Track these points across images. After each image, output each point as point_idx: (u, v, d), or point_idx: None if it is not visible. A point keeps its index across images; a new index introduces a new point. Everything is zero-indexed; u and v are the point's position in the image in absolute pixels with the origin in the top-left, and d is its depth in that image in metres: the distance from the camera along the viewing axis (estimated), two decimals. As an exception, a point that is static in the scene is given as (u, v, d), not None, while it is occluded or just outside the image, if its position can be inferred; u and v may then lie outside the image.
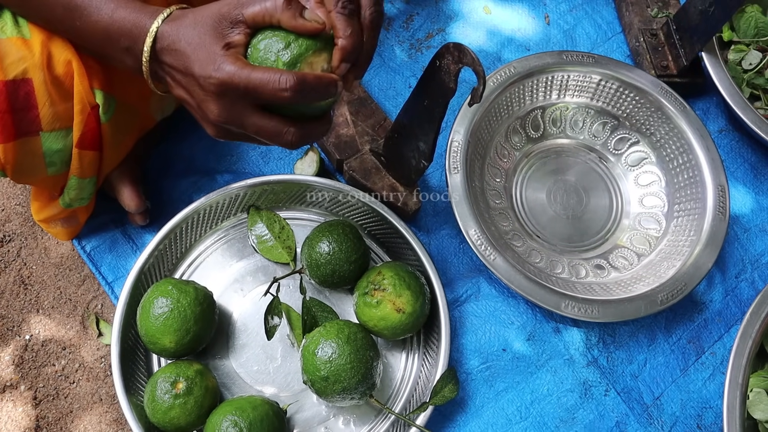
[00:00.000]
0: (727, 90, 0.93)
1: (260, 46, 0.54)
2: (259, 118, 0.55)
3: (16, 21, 0.66)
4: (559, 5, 1.10)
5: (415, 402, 0.79)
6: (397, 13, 1.07)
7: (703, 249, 0.84)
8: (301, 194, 0.89)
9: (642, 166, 0.95)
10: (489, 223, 0.86)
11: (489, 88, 0.90)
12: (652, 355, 0.86)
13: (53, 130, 0.69)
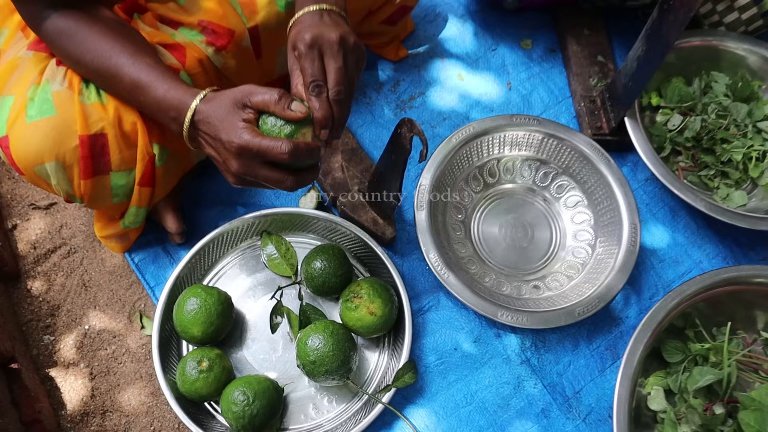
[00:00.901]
0: (642, 148, 1.17)
1: (268, 120, 0.80)
2: (266, 171, 0.81)
3: (98, 92, 0.94)
4: (520, 74, 1.37)
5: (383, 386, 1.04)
6: (386, 78, 1.35)
7: (616, 274, 1.09)
8: (303, 223, 1.15)
9: (576, 207, 1.21)
10: (448, 250, 1.11)
11: (453, 143, 1.17)
12: (575, 358, 1.10)
13: (120, 170, 0.97)
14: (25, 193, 1.21)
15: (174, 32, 1.01)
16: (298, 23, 0.87)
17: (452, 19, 1.44)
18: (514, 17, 1.42)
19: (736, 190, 1.25)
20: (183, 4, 1.03)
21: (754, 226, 1.14)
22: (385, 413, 1.03)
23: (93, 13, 0.91)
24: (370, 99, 1.33)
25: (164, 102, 0.86)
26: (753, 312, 1.10)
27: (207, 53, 1.01)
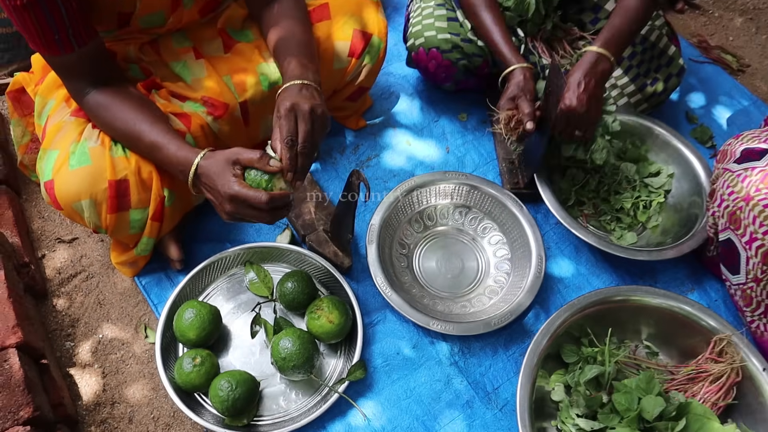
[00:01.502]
0: (548, 199, 1.51)
1: (251, 173, 1.12)
2: (250, 211, 1.12)
3: (123, 149, 1.26)
4: (456, 140, 1.72)
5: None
6: (348, 143, 1.69)
7: (525, 294, 1.40)
8: (279, 255, 1.46)
9: (497, 244, 1.53)
10: (393, 276, 1.42)
11: (398, 192, 1.50)
12: (495, 362, 1.39)
13: (137, 208, 1.27)
14: (53, 230, 1.51)
15: (182, 104, 1.35)
16: (284, 92, 1.20)
17: (403, 97, 1.80)
18: (453, 96, 1.79)
19: (629, 232, 1.59)
20: (189, 83, 1.37)
21: (635, 256, 1.46)
22: (340, 404, 1.30)
23: (122, 89, 1.24)
24: (335, 159, 1.66)
25: (175, 159, 1.18)
26: (639, 325, 1.41)
27: (207, 121, 1.34)
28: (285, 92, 1.20)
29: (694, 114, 1.88)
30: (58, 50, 1.15)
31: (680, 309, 1.36)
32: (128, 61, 1.37)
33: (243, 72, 1.40)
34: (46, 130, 1.29)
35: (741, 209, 1.30)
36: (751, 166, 1.34)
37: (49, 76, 1.34)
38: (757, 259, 1.30)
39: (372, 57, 1.52)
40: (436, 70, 1.61)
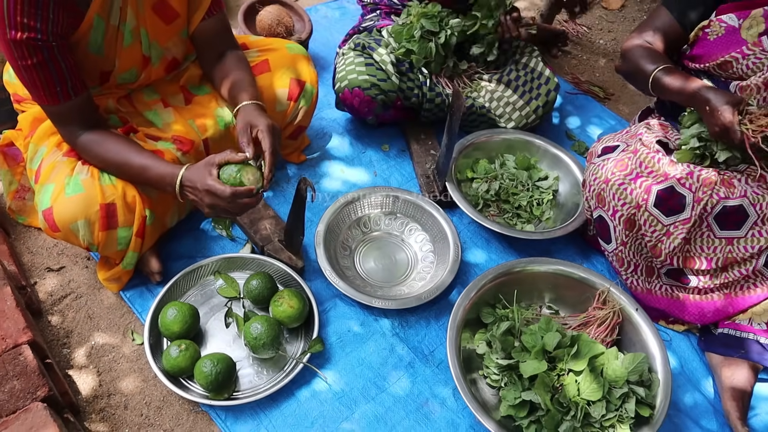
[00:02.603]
0: (461, 202, 1.90)
1: (224, 172, 1.45)
2: (222, 203, 1.45)
3: (110, 177, 1.57)
4: (381, 166, 2.11)
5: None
6: (293, 175, 2.05)
7: (446, 275, 1.76)
8: (243, 263, 1.77)
9: (422, 241, 1.90)
10: (339, 270, 1.76)
11: (336, 205, 1.86)
12: (429, 330, 1.73)
13: (124, 226, 1.57)
14: (41, 261, 1.77)
15: (156, 143, 1.68)
16: (247, 109, 1.56)
17: (335, 135, 2.20)
18: (377, 130, 2.20)
19: (528, 224, 1.99)
20: (161, 127, 1.71)
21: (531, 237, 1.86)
22: (305, 374, 1.60)
23: (108, 130, 1.57)
24: (283, 188, 2.02)
25: (162, 175, 1.51)
26: (541, 291, 1.79)
27: (177, 155, 1.67)
28: (248, 108, 1.57)
29: (572, 133, 2.35)
30: (58, 100, 1.47)
31: (568, 272, 1.75)
32: (108, 112, 1.70)
33: (203, 116, 1.75)
34: (40, 170, 1.59)
35: (603, 190, 1.73)
36: (607, 158, 1.79)
37: (40, 128, 1.65)
38: (620, 226, 1.72)
39: (307, 100, 1.91)
40: (359, 106, 2.01)
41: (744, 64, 1.68)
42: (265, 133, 1.50)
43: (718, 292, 1.76)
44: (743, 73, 1.71)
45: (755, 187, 1.67)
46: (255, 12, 2.39)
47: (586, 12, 2.77)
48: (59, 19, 1.42)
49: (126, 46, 1.58)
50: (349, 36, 2.23)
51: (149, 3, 1.58)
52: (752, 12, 1.66)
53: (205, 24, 1.69)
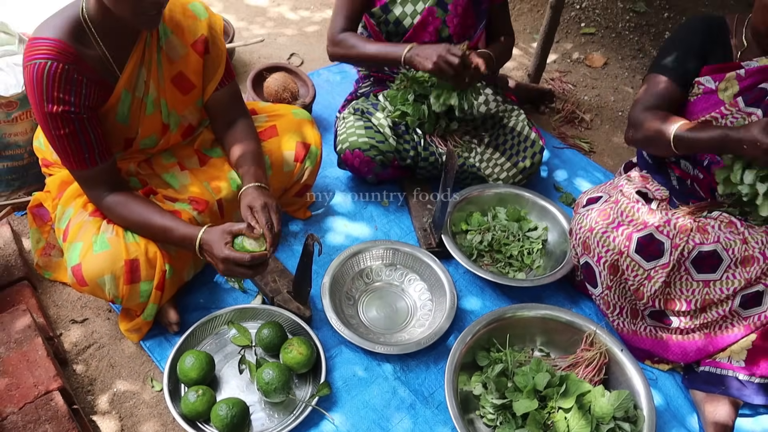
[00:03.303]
0: (456, 253, 2.06)
1: (237, 241, 1.62)
2: (238, 268, 1.61)
3: (133, 235, 1.73)
4: (382, 220, 2.28)
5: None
6: (299, 230, 2.22)
7: (444, 321, 1.91)
8: (254, 314, 1.92)
9: (421, 291, 2.05)
10: (344, 319, 1.91)
11: (340, 258, 2.02)
12: (428, 374, 1.87)
13: (146, 280, 1.73)
14: (66, 314, 1.92)
15: (173, 204, 1.85)
16: (247, 192, 1.74)
17: (338, 193, 2.37)
18: (376, 188, 2.38)
19: (519, 272, 2.14)
20: (177, 189, 1.89)
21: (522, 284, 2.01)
22: (313, 417, 1.73)
23: (131, 193, 1.75)
24: (290, 243, 2.18)
25: (183, 236, 1.68)
26: (533, 335, 1.93)
27: (193, 215, 1.84)
28: (249, 191, 1.74)
29: (560, 185, 2.53)
30: (86, 166, 1.65)
31: (557, 316, 1.90)
32: (130, 175, 1.88)
33: (217, 179, 1.93)
34: (68, 229, 1.75)
35: (589, 238, 1.90)
36: (591, 208, 1.96)
37: (68, 190, 1.82)
38: (605, 272, 1.88)
39: (312, 161, 2.09)
40: (360, 165, 2.20)
41: (723, 123, 1.86)
42: (259, 213, 1.67)
43: (698, 332, 1.91)
44: None
45: (727, 233, 1.84)
46: (263, 78, 2.60)
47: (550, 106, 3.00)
48: (91, 94, 1.61)
49: (148, 115, 1.78)
50: (347, 101, 2.44)
51: (169, 76, 1.78)
52: (727, 75, 1.85)
53: (218, 94, 1.89)
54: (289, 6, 3.65)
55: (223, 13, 3.47)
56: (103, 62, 1.64)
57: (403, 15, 2.22)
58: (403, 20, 2.22)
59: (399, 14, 2.22)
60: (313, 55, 3.25)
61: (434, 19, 2.21)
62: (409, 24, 2.22)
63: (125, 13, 1.51)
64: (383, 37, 2.29)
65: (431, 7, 2.20)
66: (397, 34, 2.26)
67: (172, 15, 1.76)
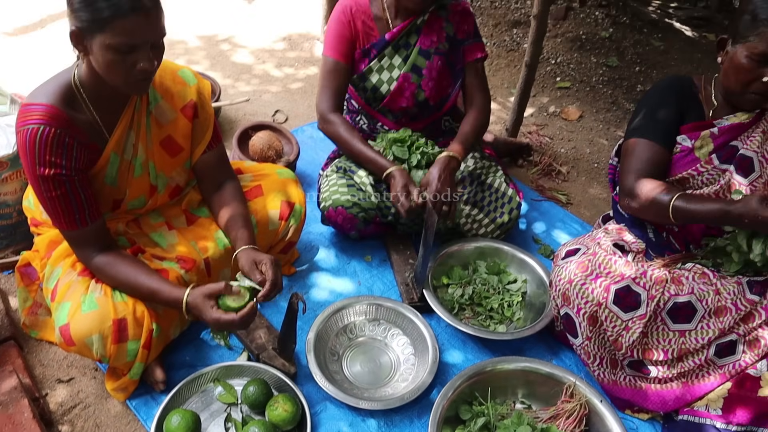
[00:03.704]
0: (437, 307, 2.12)
1: (221, 301, 1.67)
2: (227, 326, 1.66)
3: (121, 295, 1.77)
4: (365, 275, 2.34)
5: (296, 457, 1.77)
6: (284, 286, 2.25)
7: (426, 376, 1.95)
8: (239, 371, 1.95)
9: (404, 345, 2.10)
10: (329, 375, 1.94)
11: (324, 314, 2.07)
12: (412, 428, 1.90)
13: (133, 339, 1.76)
14: (52, 373, 1.95)
15: (161, 263, 1.90)
16: (246, 253, 1.79)
17: (321, 248, 2.43)
18: (359, 243, 2.44)
19: (500, 325, 2.20)
20: (165, 248, 1.94)
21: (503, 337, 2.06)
22: (299, 474, 1.75)
23: (119, 253, 1.80)
24: (276, 300, 2.21)
25: (169, 298, 1.72)
26: (514, 387, 1.98)
27: (180, 273, 1.89)
28: (247, 252, 1.80)
29: (538, 237, 2.62)
30: (76, 226, 1.71)
31: (537, 368, 1.95)
32: (118, 234, 1.93)
33: (204, 238, 1.99)
34: (57, 289, 1.79)
35: (568, 290, 1.97)
36: (570, 260, 2.03)
37: (57, 250, 1.86)
38: (585, 323, 1.95)
39: (296, 219, 2.16)
40: (343, 222, 2.26)
41: (699, 180, 1.97)
42: (268, 266, 1.74)
43: (676, 380, 1.96)
44: (699, 187, 1.98)
45: (701, 284, 1.91)
46: (248, 137, 2.69)
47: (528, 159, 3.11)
48: (81, 157, 1.68)
49: (136, 177, 1.84)
50: (330, 159, 2.53)
51: (158, 139, 1.85)
52: (701, 133, 1.96)
53: (206, 156, 1.96)
54: (273, 63, 3.78)
55: (209, 71, 3.58)
56: (93, 126, 1.71)
57: (379, 82, 2.33)
58: (380, 87, 2.34)
59: (376, 81, 2.33)
60: (297, 112, 3.35)
61: (410, 84, 2.33)
62: (386, 90, 2.33)
63: (116, 82, 1.60)
64: (362, 101, 2.40)
65: (406, 74, 2.31)
66: (375, 100, 2.37)
67: (162, 81, 1.84)
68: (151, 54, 1.58)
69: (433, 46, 2.34)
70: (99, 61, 1.56)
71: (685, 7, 5.09)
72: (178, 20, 3.99)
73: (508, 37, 4.26)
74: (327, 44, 2.34)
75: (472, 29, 2.41)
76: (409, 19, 2.31)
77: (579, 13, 4.46)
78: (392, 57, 2.33)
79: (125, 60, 1.55)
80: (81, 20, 1.52)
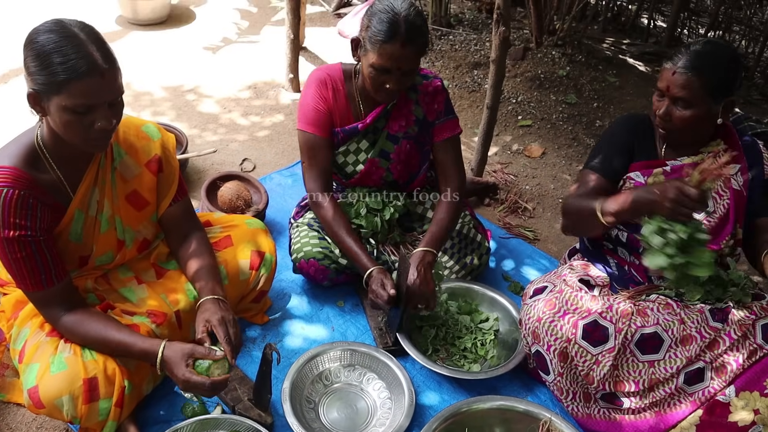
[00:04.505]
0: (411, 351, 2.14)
1: (198, 364, 1.68)
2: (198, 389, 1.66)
3: (91, 353, 1.76)
4: (338, 320, 2.37)
5: None
6: (257, 335, 2.28)
7: (403, 419, 1.96)
8: (216, 423, 1.93)
9: (380, 389, 2.11)
10: (306, 424, 1.94)
11: (299, 362, 2.07)
12: (392, 475, 1.89)
13: (105, 398, 1.75)
14: (22, 440, 1.91)
15: (132, 317, 1.89)
16: (204, 305, 1.81)
17: (294, 296, 2.45)
18: (332, 290, 2.47)
19: (474, 364, 2.22)
20: (135, 302, 1.94)
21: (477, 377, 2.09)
22: None
23: (88, 310, 1.79)
24: (249, 348, 2.23)
25: (142, 352, 1.72)
26: (491, 426, 1.99)
27: (151, 327, 1.89)
28: (207, 304, 1.82)
29: (508, 275, 2.67)
30: (42, 287, 1.70)
31: (512, 406, 1.98)
32: (86, 291, 1.92)
33: (174, 291, 1.99)
34: (24, 350, 1.77)
35: (537, 327, 2.01)
36: (538, 298, 2.08)
37: (23, 311, 1.85)
38: (555, 359, 1.98)
39: (267, 268, 2.17)
40: (315, 273, 2.29)
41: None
42: (217, 328, 1.75)
43: (649, 410, 2.00)
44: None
45: (665, 315, 1.97)
46: (216, 187, 2.71)
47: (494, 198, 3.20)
48: (45, 217, 1.69)
49: (102, 233, 1.85)
50: (300, 207, 2.56)
51: (123, 194, 1.87)
52: (654, 170, 2.05)
53: (172, 209, 1.98)
54: (239, 112, 3.82)
55: (175, 122, 3.60)
56: (57, 186, 1.72)
57: (345, 164, 2.37)
58: (346, 168, 2.37)
59: (341, 163, 2.36)
60: (264, 159, 3.39)
61: (377, 168, 2.36)
62: (352, 171, 2.37)
63: (75, 141, 1.62)
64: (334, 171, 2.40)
65: (373, 159, 2.34)
66: (345, 176, 2.41)
67: (126, 137, 1.86)
68: (109, 112, 1.60)
69: (401, 130, 2.33)
70: (56, 122, 1.59)
71: (637, 44, 5.30)
72: (142, 72, 4.03)
73: (469, 78, 4.38)
74: (304, 118, 2.28)
75: (443, 108, 2.36)
76: (380, 107, 2.29)
77: (537, 53, 4.61)
78: (359, 141, 2.33)
79: (83, 120, 1.57)
80: (37, 83, 1.55)
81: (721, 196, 2.02)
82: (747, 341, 1.94)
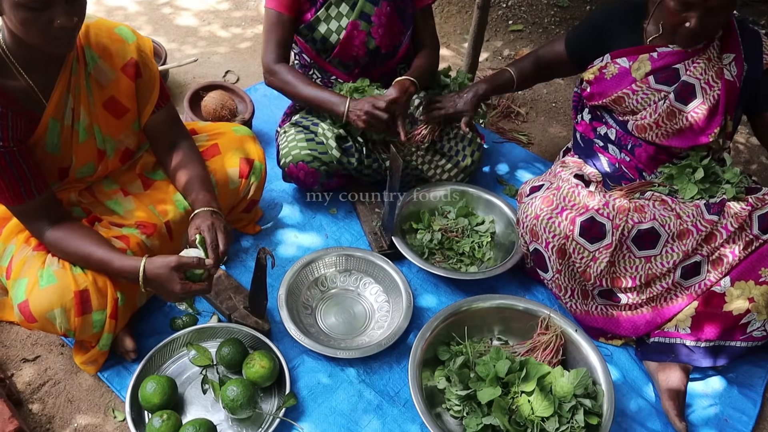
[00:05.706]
0: (407, 253, 2.10)
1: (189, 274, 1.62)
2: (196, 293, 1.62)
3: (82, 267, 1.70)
4: (331, 228, 2.31)
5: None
6: (249, 245, 2.23)
7: (402, 321, 1.94)
8: (212, 333, 1.91)
9: (377, 293, 2.08)
10: (303, 329, 1.92)
11: (294, 268, 2.03)
12: (392, 374, 1.90)
13: (98, 310, 1.70)
14: (16, 353, 1.88)
15: (120, 229, 1.83)
16: (199, 214, 1.73)
17: (285, 205, 2.39)
18: (323, 196, 2.39)
19: (471, 266, 2.19)
20: (122, 215, 1.87)
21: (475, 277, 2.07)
22: (282, 429, 1.74)
23: (72, 224, 1.72)
24: (243, 258, 2.18)
25: (121, 268, 1.66)
26: (490, 325, 1.98)
27: (141, 239, 1.83)
28: (200, 215, 1.75)
29: (502, 178, 2.61)
30: (23, 200, 1.62)
31: (511, 305, 1.95)
32: (71, 205, 1.85)
33: (163, 202, 1.92)
34: (11, 266, 1.71)
35: (535, 225, 1.97)
36: (535, 196, 2.03)
37: (7, 227, 1.78)
38: (554, 256, 1.95)
39: (257, 176, 2.10)
40: (305, 178, 2.22)
41: (634, 99, 1.99)
42: (206, 233, 1.70)
43: (646, 306, 2.00)
44: (634, 107, 2.00)
45: (662, 210, 1.93)
46: (200, 98, 2.59)
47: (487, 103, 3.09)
48: (18, 126, 1.59)
49: (81, 143, 1.75)
50: (286, 115, 2.46)
51: (100, 101, 1.76)
52: (640, 56, 1.97)
53: (155, 117, 1.88)
54: (219, 24, 3.64)
55: (153, 36, 3.43)
56: (28, 93, 1.61)
57: (328, 32, 2.25)
58: (329, 37, 2.26)
59: (324, 32, 2.25)
60: (248, 71, 3.25)
61: (359, 32, 2.25)
62: (335, 40, 2.25)
63: (36, 41, 1.49)
64: (313, 53, 2.33)
65: (354, 21, 2.23)
66: (325, 51, 2.29)
67: (99, 39, 1.74)
68: (68, 8, 1.46)
69: None
70: (13, 22, 1.46)
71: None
72: (114, -15, 3.81)
73: (457, -17, 4.19)
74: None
75: None
76: None
77: (526, -46, 4.40)
78: (339, 5, 2.23)
79: (39, 17, 1.43)
80: None
81: (712, 86, 1.94)
82: (744, 233, 1.91)
